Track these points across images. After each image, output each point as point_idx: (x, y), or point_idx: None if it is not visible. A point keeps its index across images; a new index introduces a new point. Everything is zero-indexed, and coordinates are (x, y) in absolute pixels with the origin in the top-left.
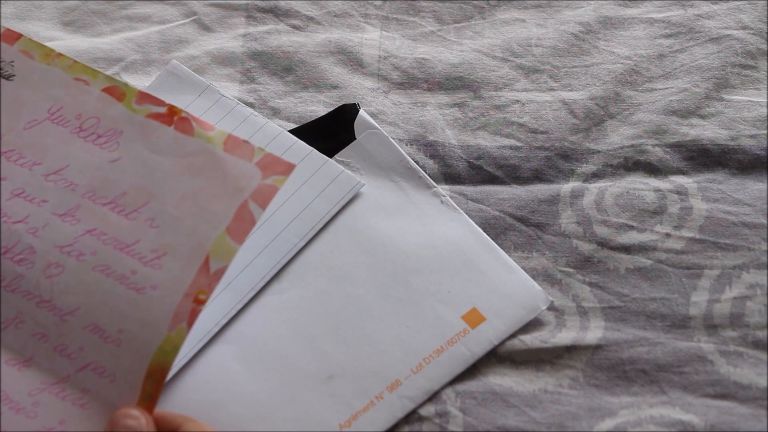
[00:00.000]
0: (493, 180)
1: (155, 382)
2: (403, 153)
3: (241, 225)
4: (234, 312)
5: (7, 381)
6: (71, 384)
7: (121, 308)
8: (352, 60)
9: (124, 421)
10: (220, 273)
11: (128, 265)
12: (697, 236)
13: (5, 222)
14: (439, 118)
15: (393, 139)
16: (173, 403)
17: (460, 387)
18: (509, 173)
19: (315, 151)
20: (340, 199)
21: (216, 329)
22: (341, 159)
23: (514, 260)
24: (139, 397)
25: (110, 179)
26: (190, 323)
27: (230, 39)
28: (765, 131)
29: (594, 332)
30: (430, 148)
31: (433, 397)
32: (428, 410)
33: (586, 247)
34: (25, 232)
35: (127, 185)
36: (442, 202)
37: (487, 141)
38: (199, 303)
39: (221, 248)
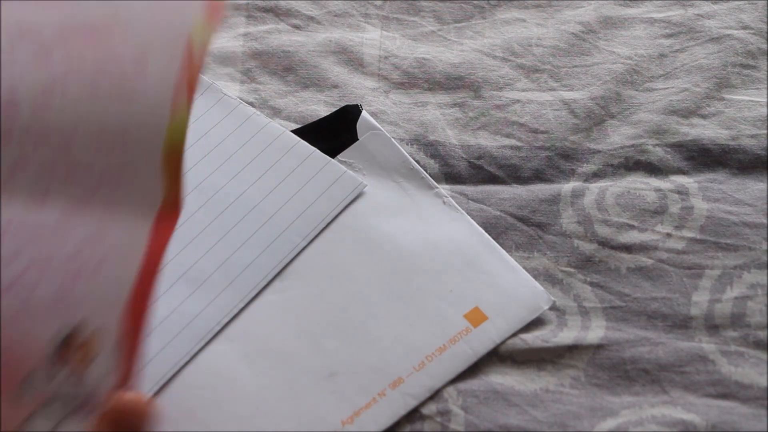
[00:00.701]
0: (493, 180)
1: (175, 167)
2: (405, 154)
3: None
4: (236, 310)
5: (34, 218)
6: (90, 204)
7: (119, 110)
8: (353, 60)
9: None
10: (202, 50)
11: (114, 72)
12: (698, 236)
13: None
14: (439, 117)
15: (393, 138)
16: (175, 402)
17: (462, 386)
18: (510, 173)
19: (317, 151)
20: (342, 200)
21: (218, 327)
22: (343, 159)
23: (515, 260)
24: (162, 187)
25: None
26: (190, 100)
27: (230, 38)
28: (765, 131)
29: (595, 332)
30: (431, 148)
31: (435, 395)
32: (430, 409)
33: (587, 247)
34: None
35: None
36: (444, 202)
37: (487, 141)
38: (192, 79)
39: (200, 29)
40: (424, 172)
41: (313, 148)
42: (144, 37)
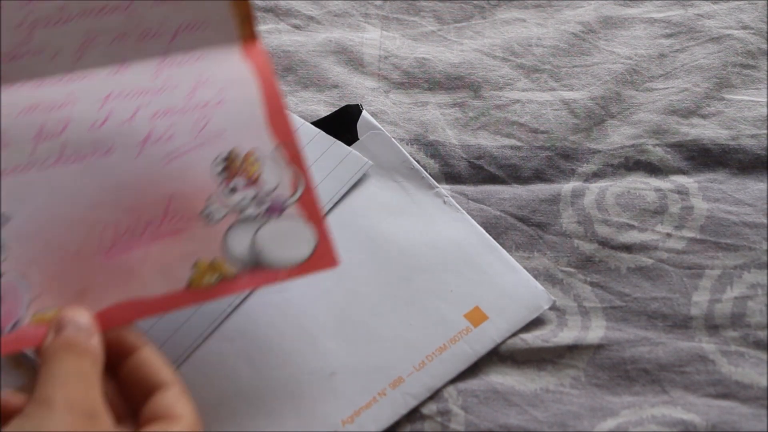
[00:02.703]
0: (493, 180)
1: (243, 2)
2: (406, 153)
3: None
4: (234, 306)
5: (127, 80)
6: (173, 53)
7: None
8: (353, 59)
9: (67, 329)
10: None
11: None
12: (698, 236)
13: None
14: (439, 117)
15: (394, 138)
16: None
17: (462, 385)
18: (510, 173)
19: (322, 132)
20: (348, 179)
21: (216, 323)
22: None
23: (516, 260)
24: (236, 23)
25: None
26: None
27: None
28: (765, 131)
29: (595, 332)
30: (431, 148)
31: (435, 395)
32: (430, 408)
33: (587, 247)
34: None
35: None
36: (444, 202)
37: (487, 141)
38: None
39: None
40: (425, 172)
41: (318, 130)
42: None
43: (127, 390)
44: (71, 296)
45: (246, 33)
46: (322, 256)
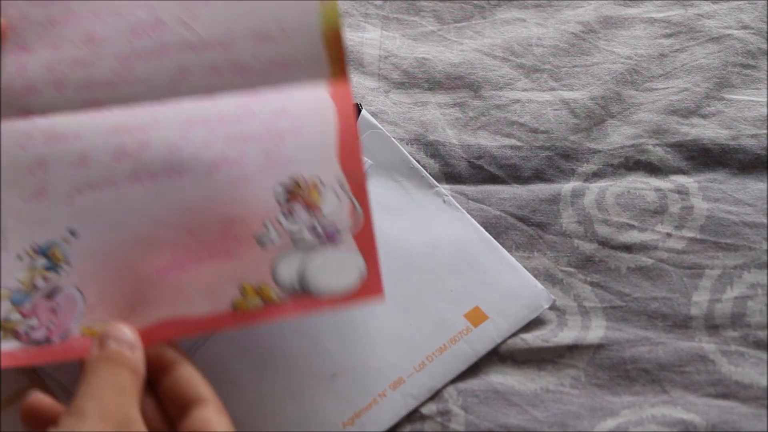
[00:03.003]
0: (493, 179)
1: (336, 43)
2: (406, 153)
3: None
4: None
5: (212, 109)
6: (262, 87)
7: (268, 12)
8: (353, 59)
9: (110, 343)
10: None
11: None
12: (698, 236)
13: (119, 15)
14: (439, 117)
15: (393, 138)
16: None
17: (462, 385)
18: (510, 173)
19: None
20: None
21: None
22: None
23: (516, 260)
24: (328, 62)
25: None
26: None
27: None
28: (765, 131)
29: (595, 332)
30: (431, 148)
31: (435, 395)
32: (430, 409)
33: (587, 247)
34: (142, 11)
35: None
36: (444, 201)
37: (487, 140)
38: None
39: None
40: (424, 171)
41: None
42: None
43: (166, 405)
44: (121, 311)
45: (335, 72)
46: (368, 289)
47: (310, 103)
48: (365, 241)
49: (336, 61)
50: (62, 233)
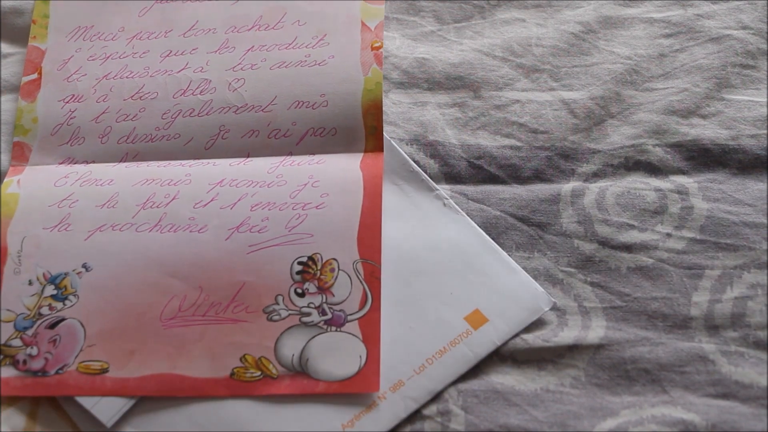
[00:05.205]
0: (493, 180)
1: (375, 115)
2: (406, 156)
3: None
4: None
5: (243, 170)
6: (297, 153)
7: (313, 81)
8: None
9: None
10: (379, 27)
11: (299, 54)
12: (698, 236)
13: (170, 74)
14: (439, 117)
15: (393, 138)
16: (177, 400)
17: (462, 386)
18: (510, 173)
19: None
20: None
21: None
22: None
23: (516, 260)
24: (365, 133)
25: (241, 14)
26: (379, 64)
27: None
28: (765, 131)
29: (596, 332)
30: (431, 148)
31: (436, 396)
32: (430, 409)
33: (587, 247)
34: (192, 72)
35: (259, 10)
36: (444, 204)
37: (487, 141)
38: (377, 49)
39: (368, 11)
40: (425, 174)
41: None
42: (319, 19)
43: None
44: (120, 354)
45: (371, 145)
46: (365, 379)
47: (340, 178)
48: (370, 329)
49: (372, 132)
50: (76, 266)
